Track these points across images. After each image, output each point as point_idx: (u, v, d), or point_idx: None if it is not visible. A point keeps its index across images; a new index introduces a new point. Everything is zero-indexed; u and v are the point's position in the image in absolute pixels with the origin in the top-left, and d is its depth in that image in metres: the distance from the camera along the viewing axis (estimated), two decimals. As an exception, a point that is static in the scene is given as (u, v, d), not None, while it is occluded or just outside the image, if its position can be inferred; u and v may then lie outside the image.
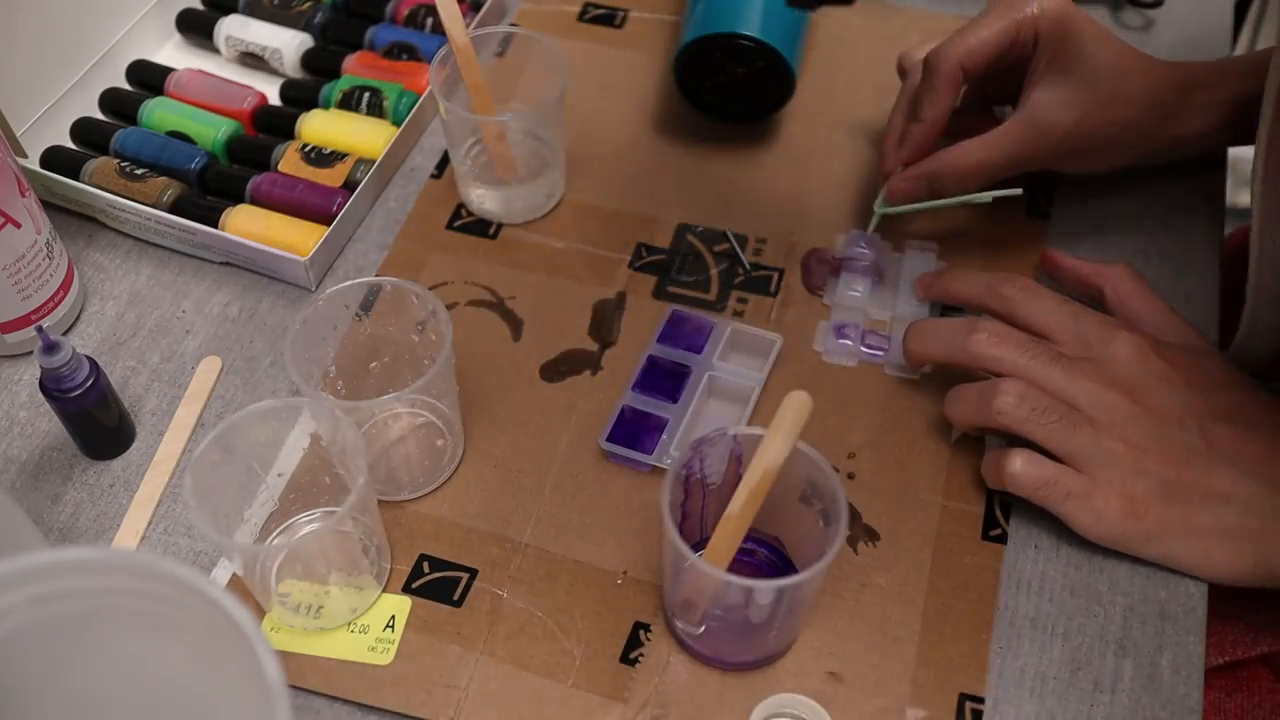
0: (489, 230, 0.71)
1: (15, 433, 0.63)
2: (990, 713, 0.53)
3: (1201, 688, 0.53)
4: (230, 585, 0.57)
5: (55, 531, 0.60)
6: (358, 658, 0.55)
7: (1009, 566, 0.57)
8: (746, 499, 0.49)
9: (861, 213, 0.71)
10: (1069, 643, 0.55)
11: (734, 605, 0.51)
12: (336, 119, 0.74)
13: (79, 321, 0.68)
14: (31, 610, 0.39)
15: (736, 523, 0.50)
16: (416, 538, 0.59)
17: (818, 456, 0.50)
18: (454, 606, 0.57)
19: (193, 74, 0.77)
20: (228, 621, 0.36)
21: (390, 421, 0.63)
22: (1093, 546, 0.57)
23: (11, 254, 0.62)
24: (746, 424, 0.61)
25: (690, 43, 0.70)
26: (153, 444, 0.63)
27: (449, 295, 0.68)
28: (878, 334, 0.65)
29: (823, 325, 0.66)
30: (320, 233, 0.68)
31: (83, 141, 0.74)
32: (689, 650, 0.55)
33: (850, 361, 0.64)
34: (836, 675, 0.54)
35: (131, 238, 0.72)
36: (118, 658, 0.42)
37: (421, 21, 0.80)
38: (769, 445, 0.48)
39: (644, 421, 0.61)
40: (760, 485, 0.48)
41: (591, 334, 0.66)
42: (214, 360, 0.66)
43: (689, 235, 0.71)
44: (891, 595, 0.56)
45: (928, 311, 0.66)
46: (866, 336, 0.65)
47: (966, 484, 0.60)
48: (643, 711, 0.53)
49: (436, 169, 0.75)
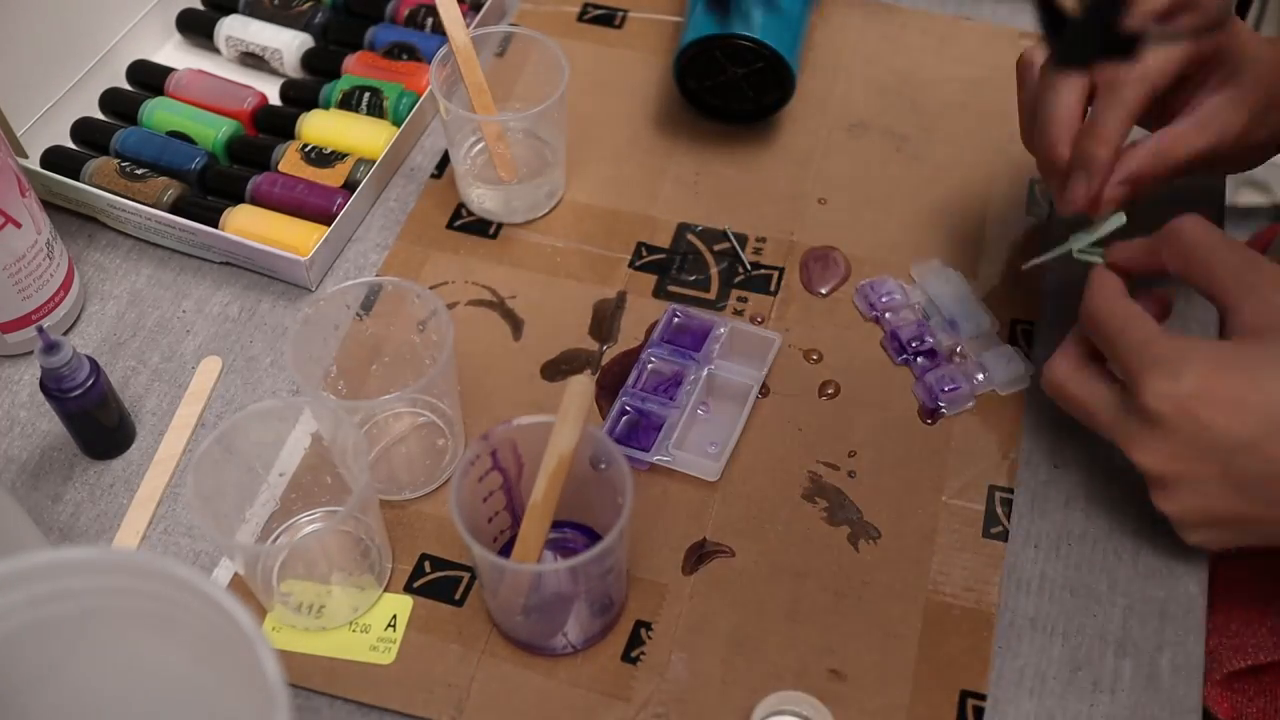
0: (489, 230, 0.71)
1: (15, 433, 0.63)
2: (990, 712, 0.53)
3: (1201, 688, 0.53)
4: (232, 585, 0.57)
5: (55, 531, 0.60)
6: (359, 657, 0.55)
7: (1009, 566, 0.57)
8: (546, 487, 0.50)
9: (862, 211, 0.71)
10: (1069, 642, 0.55)
11: (553, 591, 0.53)
12: (337, 119, 0.74)
13: (79, 321, 0.68)
14: (31, 610, 0.39)
15: (541, 509, 0.51)
16: (418, 537, 0.59)
17: (601, 435, 0.53)
18: (455, 606, 0.57)
19: (193, 74, 0.77)
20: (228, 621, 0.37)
21: (391, 421, 0.63)
22: (1093, 546, 0.57)
23: (12, 254, 0.62)
24: (746, 423, 0.61)
25: (690, 43, 0.70)
26: (153, 444, 0.63)
27: (449, 295, 0.68)
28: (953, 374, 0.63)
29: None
30: (320, 233, 0.68)
31: (83, 141, 0.74)
32: (514, 641, 0.56)
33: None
34: (838, 673, 0.54)
35: (132, 238, 0.72)
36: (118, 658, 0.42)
37: (421, 21, 0.80)
38: (559, 432, 0.50)
39: (643, 420, 0.61)
40: (558, 471, 0.50)
41: (591, 334, 0.66)
42: (214, 360, 0.66)
43: (689, 235, 0.71)
44: (892, 594, 0.56)
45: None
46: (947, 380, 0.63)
47: (967, 482, 0.60)
48: (644, 710, 0.53)
49: (436, 169, 0.75)
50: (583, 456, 0.52)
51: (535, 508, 0.51)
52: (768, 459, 0.61)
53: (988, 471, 0.60)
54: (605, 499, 0.52)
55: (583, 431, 0.50)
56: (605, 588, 0.53)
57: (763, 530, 0.59)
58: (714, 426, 0.62)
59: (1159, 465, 0.50)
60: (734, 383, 0.63)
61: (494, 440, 0.53)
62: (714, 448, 0.61)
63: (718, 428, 0.62)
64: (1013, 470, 0.60)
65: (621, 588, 0.55)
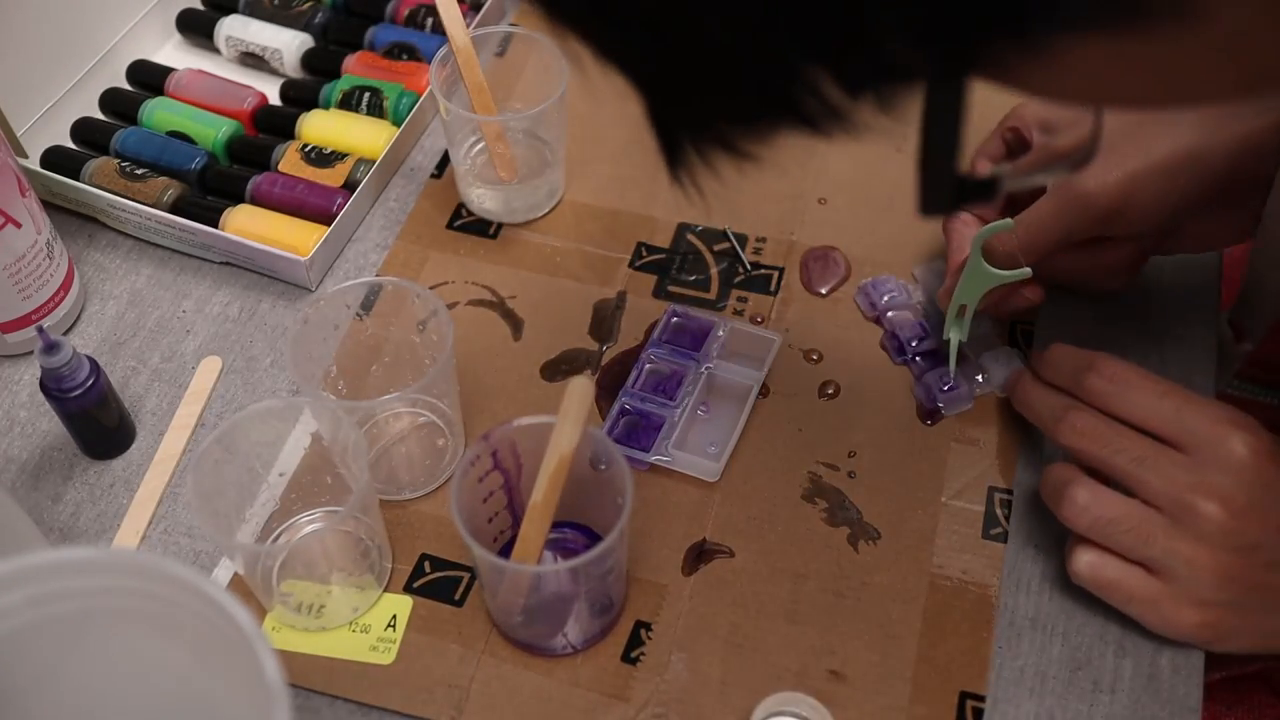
0: (489, 230, 0.71)
1: (15, 433, 0.63)
2: (990, 712, 0.53)
3: (1201, 688, 0.53)
4: (232, 585, 0.57)
5: (55, 531, 0.60)
6: (359, 657, 0.55)
7: (1009, 566, 0.57)
8: (547, 487, 0.50)
9: (862, 211, 0.71)
10: (1069, 642, 0.55)
11: (553, 592, 0.53)
12: (336, 119, 0.74)
13: (79, 321, 0.68)
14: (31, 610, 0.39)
15: (541, 509, 0.51)
16: (418, 537, 0.59)
17: (601, 435, 0.54)
18: (455, 606, 0.57)
19: (193, 74, 0.77)
20: (228, 621, 0.37)
21: (391, 421, 0.63)
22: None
23: (12, 254, 0.62)
24: (745, 422, 0.61)
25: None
26: (153, 444, 0.63)
27: (449, 295, 0.68)
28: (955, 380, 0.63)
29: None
30: (320, 233, 0.68)
31: (83, 141, 0.74)
32: (514, 641, 0.56)
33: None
34: (838, 674, 0.54)
35: (132, 238, 0.72)
36: (118, 658, 0.42)
37: (421, 21, 0.80)
38: (560, 433, 0.50)
39: (643, 420, 0.61)
40: (558, 471, 0.50)
41: (591, 333, 0.66)
42: (214, 360, 0.66)
43: (689, 235, 0.71)
44: (892, 594, 0.56)
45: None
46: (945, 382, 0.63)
47: (967, 483, 0.60)
48: (644, 710, 0.53)
49: (436, 169, 0.75)
50: (583, 457, 0.52)
51: (535, 508, 0.51)
52: (768, 459, 0.61)
53: (987, 472, 0.60)
54: (605, 499, 0.52)
55: (583, 432, 0.50)
56: (605, 588, 0.53)
57: (762, 530, 0.59)
58: (714, 427, 0.62)
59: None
60: (734, 383, 0.63)
61: (494, 440, 0.53)
62: (714, 448, 0.61)
63: (717, 428, 0.62)
64: (1012, 471, 0.60)
65: (621, 588, 0.55)
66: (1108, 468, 0.52)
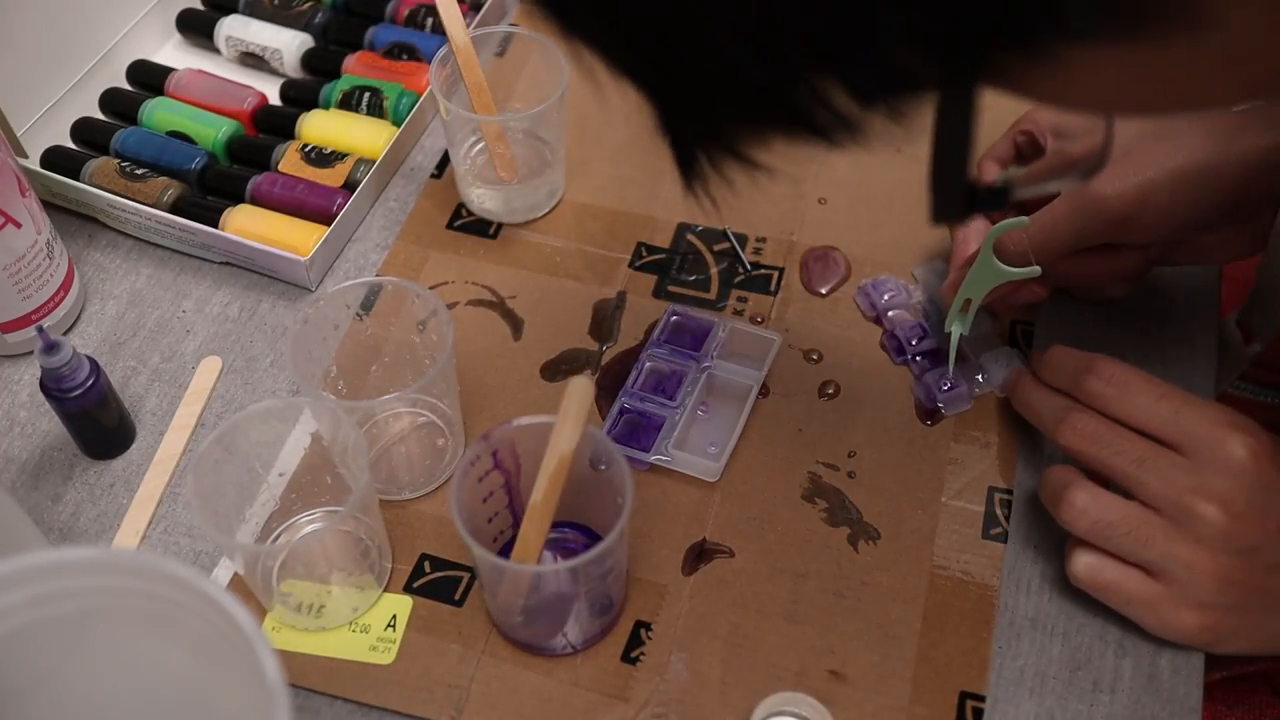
0: (489, 230, 0.71)
1: (15, 433, 0.63)
2: (990, 712, 0.53)
3: (1201, 688, 0.53)
4: (232, 585, 0.57)
5: (55, 531, 0.60)
6: (359, 657, 0.55)
7: (1009, 566, 0.57)
8: (547, 487, 0.50)
9: (859, 212, 0.71)
10: (1069, 642, 0.55)
11: (553, 592, 0.53)
12: (336, 119, 0.74)
13: (79, 321, 0.68)
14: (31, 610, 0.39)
15: (541, 510, 0.51)
16: (418, 537, 0.59)
17: (601, 435, 0.54)
18: (455, 606, 0.57)
19: (193, 74, 0.77)
20: (228, 621, 0.37)
21: (391, 421, 0.63)
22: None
23: (12, 254, 0.62)
24: (745, 422, 0.61)
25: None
26: (153, 444, 0.63)
27: (449, 295, 0.68)
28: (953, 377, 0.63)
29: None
30: (320, 233, 0.68)
31: (83, 141, 0.74)
32: (514, 641, 0.56)
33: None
34: (837, 674, 0.54)
35: (132, 238, 0.72)
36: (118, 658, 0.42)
37: (421, 21, 0.80)
38: (559, 433, 0.50)
39: (643, 420, 0.61)
40: (558, 471, 0.50)
41: (591, 333, 0.66)
42: (214, 360, 0.66)
43: (689, 235, 0.71)
44: (892, 594, 0.56)
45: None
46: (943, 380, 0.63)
47: (967, 483, 0.60)
48: (644, 710, 0.53)
49: (436, 169, 0.75)
50: (583, 457, 0.52)
51: (535, 508, 0.51)
52: (767, 459, 0.61)
53: (987, 472, 0.60)
54: (605, 499, 0.52)
55: (583, 432, 0.50)
56: (605, 588, 0.53)
57: (762, 530, 0.59)
58: (713, 427, 0.62)
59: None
60: (734, 383, 0.63)
61: (494, 440, 0.53)
62: (714, 448, 0.61)
63: (717, 428, 0.62)
64: (1012, 471, 0.60)
65: (621, 588, 0.55)
66: (1107, 469, 0.52)
